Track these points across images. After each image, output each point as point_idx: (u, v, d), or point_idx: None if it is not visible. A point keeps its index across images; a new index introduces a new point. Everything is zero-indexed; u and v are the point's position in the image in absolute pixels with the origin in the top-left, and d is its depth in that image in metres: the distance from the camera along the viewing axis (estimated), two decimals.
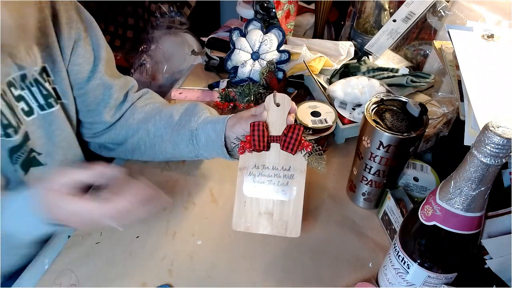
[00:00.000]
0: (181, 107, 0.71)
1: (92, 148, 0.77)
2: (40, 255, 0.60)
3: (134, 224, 0.65)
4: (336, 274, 0.59)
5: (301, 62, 0.89)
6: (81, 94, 0.67)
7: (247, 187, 0.55)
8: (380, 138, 0.57)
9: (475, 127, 0.50)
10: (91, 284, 0.57)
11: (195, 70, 1.07)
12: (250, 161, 0.55)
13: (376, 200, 0.66)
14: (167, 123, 0.69)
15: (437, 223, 0.43)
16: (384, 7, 0.96)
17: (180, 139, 0.67)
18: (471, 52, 0.61)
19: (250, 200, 0.55)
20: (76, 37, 0.62)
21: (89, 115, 0.69)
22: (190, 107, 0.70)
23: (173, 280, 0.57)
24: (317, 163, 0.55)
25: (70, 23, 0.61)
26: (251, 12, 1.06)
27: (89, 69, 0.66)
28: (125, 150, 0.73)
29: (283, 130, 0.54)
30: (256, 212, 0.55)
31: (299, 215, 0.55)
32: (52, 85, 0.62)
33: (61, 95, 0.63)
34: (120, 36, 1.79)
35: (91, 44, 0.65)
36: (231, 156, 0.64)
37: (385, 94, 0.61)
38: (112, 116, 0.70)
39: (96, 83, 0.67)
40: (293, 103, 0.56)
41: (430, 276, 0.46)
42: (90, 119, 0.70)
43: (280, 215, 0.55)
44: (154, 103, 0.74)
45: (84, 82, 0.66)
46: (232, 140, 0.62)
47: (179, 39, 1.48)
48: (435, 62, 0.87)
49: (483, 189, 0.40)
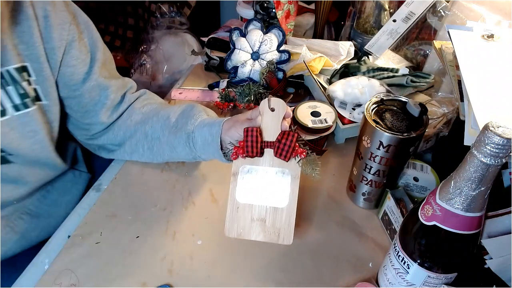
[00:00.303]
0: (179, 108, 0.70)
1: (92, 149, 0.77)
2: (40, 255, 0.60)
3: (134, 224, 0.65)
4: (336, 274, 0.59)
5: (301, 62, 0.89)
6: (77, 96, 0.66)
7: (239, 193, 0.55)
8: (380, 138, 0.56)
9: (475, 127, 0.50)
10: (91, 284, 0.56)
11: (195, 70, 1.07)
12: (243, 167, 0.55)
13: (376, 200, 0.66)
14: (164, 125, 0.69)
15: (437, 223, 0.43)
16: (384, 7, 0.96)
17: (178, 142, 0.67)
18: (471, 52, 0.60)
19: (243, 206, 0.55)
20: (70, 39, 0.62)
21: (86, 116, 0.69)
22: (187, 109, 0.69)
23: (173, 280, 0.57)
24: (311, 169, 0.55)
25: (62, 24, 0.61)
26: (251, 12, 1.06)
27: (85, 71, 0.65)
28: (124, 152, 0.73)
29: (277, 136, 0.53)
30: (249, 219, 0.54)
31: (291, 223, 0.54)
32: (33, 85, 0.61)
33: (42, 96, 0.62)
34: (120, 36, 1.79)
35: (88, 46, 0.65)
36: (228, 159, 0.64)
37: (385, 94, 0.61)
38: (108, 117, 0.70)
39: (91, 84, 0.66)
40: (289, 108, 0.55)
41: (430, 276, 0.46)
42: (87, 120, 0.70)
43: (273, 222, 0.54)
44: (152, 104, 0.74)
45: (80, 83, 0.65)
46: (227, 144, 0.62)
47: (179, 39, 1.48)
48: (435, 62, 0.87)
49: (483, 189, 0.40)
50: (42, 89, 0.62)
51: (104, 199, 0.69)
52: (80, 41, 0.63)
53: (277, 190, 0.54)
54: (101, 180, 0.73)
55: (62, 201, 0.77)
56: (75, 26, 0.62)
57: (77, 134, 0.74)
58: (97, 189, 0.71)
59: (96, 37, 0.67)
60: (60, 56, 0.62)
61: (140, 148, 0.71)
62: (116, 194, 0.70)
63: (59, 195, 0.77)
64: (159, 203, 0.69)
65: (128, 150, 0.72)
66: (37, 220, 0.73)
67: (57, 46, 0.61)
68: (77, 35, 0.63)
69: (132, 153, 0.72)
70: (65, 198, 0.78)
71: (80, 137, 0.75)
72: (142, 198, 0.69)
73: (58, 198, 0.77)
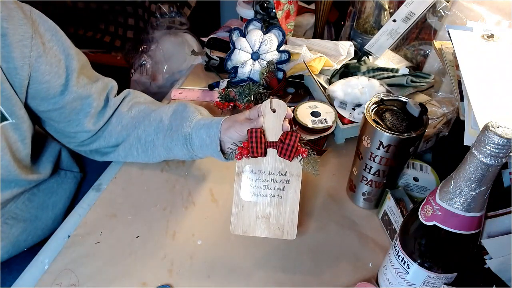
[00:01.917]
0: (169, 109, 0.69)
1: (84, 154, 0.76)
2: (40, 255, 0.60)
3: (134, 224, 0.65)
4: (336, 274, 0.59)
5: (301, 62, 0.89)
6: (58, 108, 0.64)
7: (244, 191, 0.57)
8: (380, 138, 0.56)
9: (475, 127, 0.50)
10: (91, 284, 0.56)
11: (195, 70, 1.07)
12: (247, 166, 0.57)
13: (376, 200, 0.66)
14: (158, 128, 0.68)
15: (437, 223, 0.43)
16: (384, 7, 0.96)
17: (174, 144, 0.67)
18: (471, 52, 0.60)
19: (248, 204, 0.57)
20: (35, 55, 0.58)
21: (70, 125, 0.67)
22: (178, 109, 0.69)
23: (173, 280, 0.57)
24: (311, 167, 0.57)
25: (23, 40, 0.56)
26: (251, 12, 1.06)
27: (61, 83, 0.62)
28: (118, 155, 0.73)
29: (280, 137, 0.56)
30: (254, 216, 0.57)
31: (295, 218, 0.57)
32: None
33: (7, 116, 0.58)
34: (120, 36, 1.79)
35: (59, 54, 0.61)
36: (227, 158, 0.64)
37: (385, 94, 0.61)
38: (94, 123, 0.68)
39: (72, 96, 0.64)
40: (289, 108, 0.57)
41: (430, 276, 0.46)
42: (73, 129, 0.68)
43: (277, 219, 0.57)
44: (140, 105, 0.72)
45: (58, 96, 0.63)
46: (227, 144, 0.63)
47: (179, 39, 1.48)
48: (435, 62, 0.87)
49: (483, 189, 0.40)
50: (6, 109, 0.58)
51: (104, 199, 0.69)
52: (48, 53, 0.59)
53: (280, 188, 0.57)
54: (101, 180, 0.73)
55: (49, 203, 0.75)
56: (38, 39, 0.58)
57: (65, 142, 0.73)
58: (97, 189, 0.71)
59: (67, 44, 0.63)
60: (24, 75, 0.58)
61: (135, 151, 0.71)
62: (116, 194, 0.70)
63: (46, 196, 0.75)
64: (159, 203, 0.69)
65: (122, 153, 0.72)
66: (24, 224, 0.71)
67: (19, 66, 0.56)
68: (42, 48, 0.58)
69: (126, 156, 0.72)
70: (52, 200, 0.76)
71: (69, 144, 0.73)
72: (142, 198, 0.69)
73: (45, 200, 0.75)
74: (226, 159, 0.64)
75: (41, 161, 0.74)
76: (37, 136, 0.70)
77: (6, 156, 0.60)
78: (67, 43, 0.63)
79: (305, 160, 0.56)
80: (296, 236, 0.57)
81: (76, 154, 0.79)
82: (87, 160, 0.81)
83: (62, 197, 0.78)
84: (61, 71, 0.62)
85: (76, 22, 1.81)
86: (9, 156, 0.60)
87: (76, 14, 1.78)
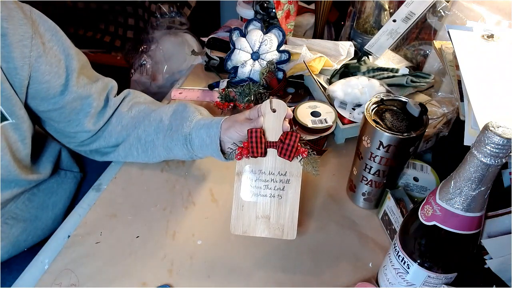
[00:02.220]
0: (169, 109, 0.70)
1: (84, 154, 0.76)
2: (40, 255, 0.60)
3: (134, 224, 0.65)
4: (336, 274, 0.59)
5: (301, 62, 0.89)
6: (58, 108, 0.64)
7: (244, 191, 0.57)
8: (380, 138, 0.56)
9: (475, 127, 0.50)
10: (91, 284, 0.56)
11: (195, 70, 1.07)
12: (247, 166, 0.57)
13: (376, 200, 0.66)
14: (158, 128, 0.68)
15: (437, 223, 0.43)
16: (384, 7, 0.96)
17: (174, 144, 0.67)
18: (471, 52, 0.60)
19: (248, 204, 0.57)
20: (35, 55, 0.58)
21: (70, 125, 0.67)
22: (178, 109, 0.69)
23: (173, 280, 0.57)
24: (311, 167, 0.57)
25: (23, 40, 0.56)
26: (251, 12, 1.06)
27: (61, 83, 0.62)
28: (118, 155, 0.73)
29: (280, 137, 0.56)
30: (254, 216, 0.57)
31: (295, 218, 0.57)
32: None
33: (7, 116, 0.58)
34: (120, 36, 1.79)
35: (59, 54, 0.61)
36: (227, 158, 0.64)
37: (385, 94, 0.61)
38: (94, 124, 0.68)
39: (72, 96, 0.64)
40: (289, 108, 0.57)
41: (430, 276, 0.46)
42: (73, 129, 0.68)
43: (277, 219, 0.57)
44: (139, 105, 0.72)
45: (58, 96, 0.62)
46: (227, 144, 0.63)
47: (179, 39, 1.48)
48: (435, 62, 0.87)
49: (483, 189, 0.40)
50: (6, 109, 0.58)
51: (104, 199, 0.69)
52: (48, 53, 0.59)
53: (280, 188, 0.57)
54: (101, 180, 0.73)
55: (49, 203, 0.76)
56: (38, 39, 0.58)
57: (65, 142, 0.73)
58: (97, 189, 0.71)
59: (67, 44, 0.63)
60: (24, 75, 0.58)
61: (134, 151, 0.71)
62: (116, 194, 0.70)
63: (46, 196, 0.75)
64: (159, 203, 0.69)
65: (122, 153, 0.72)
66: (24, 224, 0.71)
67: (19, 66, 0.56)
68: (42, 48, 0.58)
69: (126, 156, 0.72)
70: (52, 200, 0.76)
71: (69, 145, 0.73)
72: (142, 198, 0.69)
73: (45, 200, 0.75)
74: (226, 159, 0.64)
75: (41, 161, 0.74)
76: (37, 136, 0.70)
77: (6, 156, 0.60)
78: (67, 43, 0.63)
79: (305, 160, 0.56)
80: (296, 236, 0.57)
81: (76, 154, 0.79)
82: (87, 160, 0.81)
83: (62, 197, 0.78)
84: (61, 71, 0.62)
85: (76, 22, 1.81)
86: (9, 156, 0.61)
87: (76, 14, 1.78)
